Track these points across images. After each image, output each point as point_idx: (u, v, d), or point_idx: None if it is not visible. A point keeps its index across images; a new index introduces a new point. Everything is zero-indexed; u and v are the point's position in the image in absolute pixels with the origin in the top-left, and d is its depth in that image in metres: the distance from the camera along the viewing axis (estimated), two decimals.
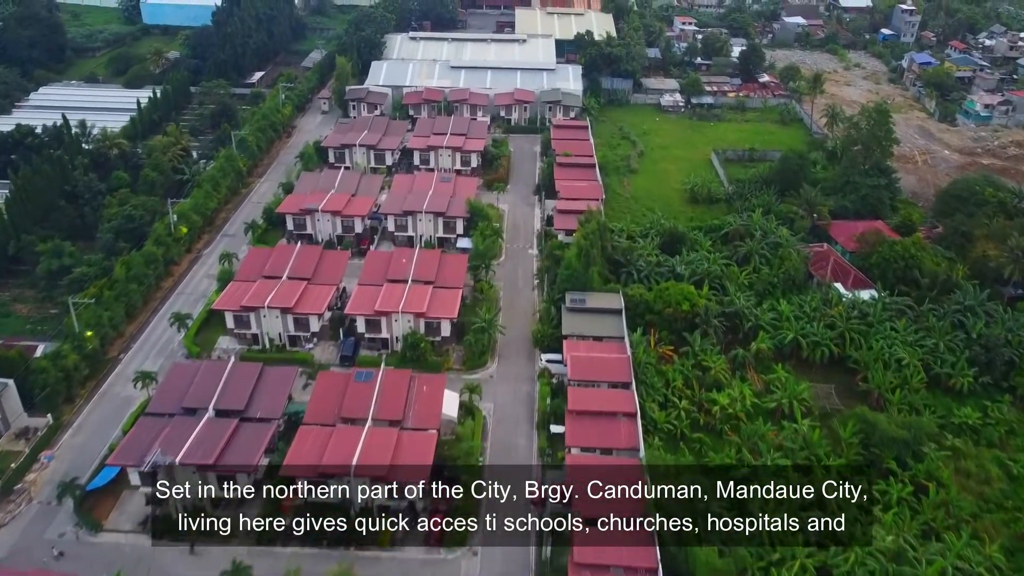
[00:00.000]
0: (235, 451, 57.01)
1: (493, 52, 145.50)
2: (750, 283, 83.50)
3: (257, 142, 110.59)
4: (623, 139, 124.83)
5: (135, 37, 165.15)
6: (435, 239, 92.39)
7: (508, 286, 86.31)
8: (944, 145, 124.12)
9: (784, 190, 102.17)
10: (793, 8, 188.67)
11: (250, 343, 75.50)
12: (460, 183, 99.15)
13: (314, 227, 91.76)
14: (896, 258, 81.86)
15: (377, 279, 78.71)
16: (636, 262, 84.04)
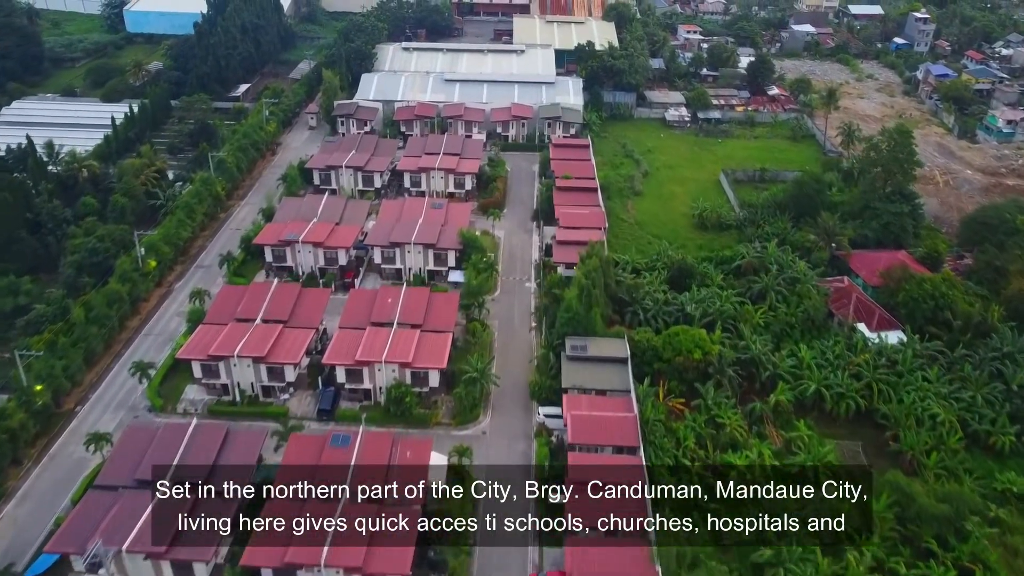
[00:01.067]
0: (193, 534, 50.29)
1: (490, 63, 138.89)
2: (766, 323, 76.84)
3: (237, 163, 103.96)
4: (626, 157, 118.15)
5: (117, 46, 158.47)
6: (425, 272, 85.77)
7: (503, 326, 79.65)
8: (966, 164, 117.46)
9: (799, 215, 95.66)
10: (802, 16, 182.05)
11: (220, 393, 68.89)
12: (453, 209, 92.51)
13: (295, 259, 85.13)
14: (925, 297, 75.21)
15: (360, 321, 72.12)
16: (642, 300, 77.42)
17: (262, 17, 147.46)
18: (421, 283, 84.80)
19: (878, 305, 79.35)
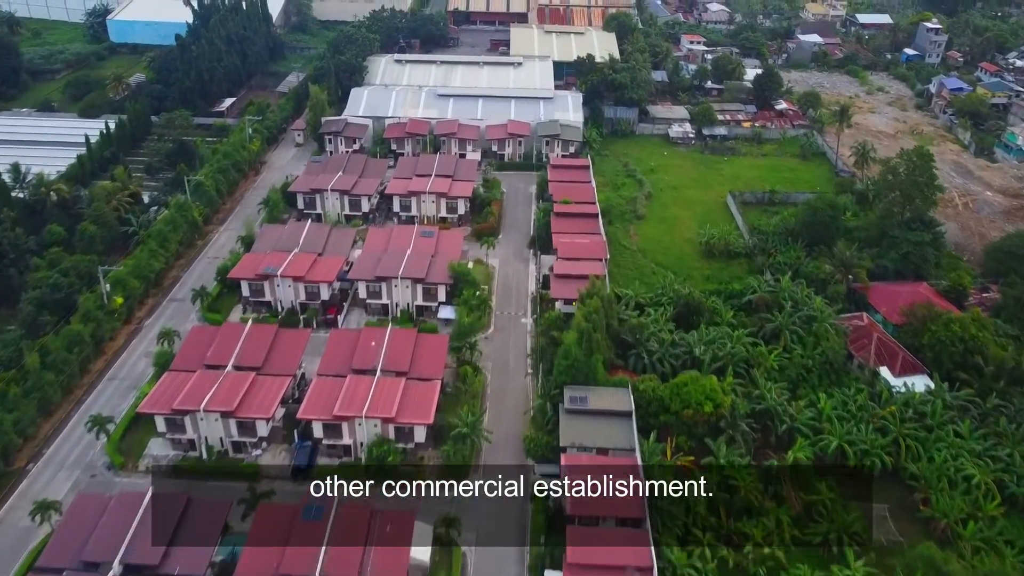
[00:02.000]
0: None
1: (485, 77, 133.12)
2: (781, 367, 71.06)
3: (217, 186, 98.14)
4: (628, 177, 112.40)
5: (100, 57, 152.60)
6: (413, 307, 79.97)
7: (497, 368, 73.82)
8: (985, 185, 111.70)
9: (813, 243, 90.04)
10: (808, 25, 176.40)
11: (186, 448, 63.08)
12: (444, 238, 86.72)
13: (273, 294, 79.29)
14: (954, 340, 69.40)
15: (340, 367, 66.35)
16: (647, 342, 71.59)
17: (249, 27, 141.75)
18: (409, 319, 79.14)
19: (901, 346, 73.52)
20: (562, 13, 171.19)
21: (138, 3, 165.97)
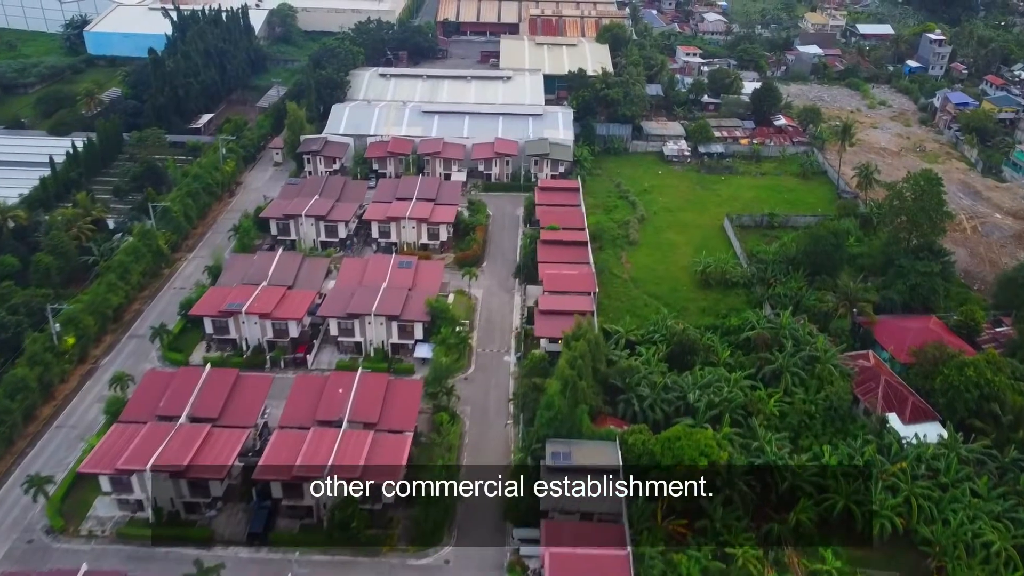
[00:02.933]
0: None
1: (473, 91, 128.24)
2: (781, 413, 65.90)
3: (185, 211, 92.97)
4: (621, 199, 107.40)
5: (76, 71, 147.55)
6: (388, 345, 74.84)
7: (476, 414, 68.65)
8: (994, 207, 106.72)
9: (815, 272, 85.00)
10: (808, 36, 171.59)
11: (134, 510, 57.79)
12: (422, 270, 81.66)
13: (239, 332, 74.09)
14: (968, 385, 64.26)
15: (303, 418, 61.18)
16: (637, 387, 66.45)
17: (229, 40, 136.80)
18: (384, 358, 73.97)
19: (911, 389, 68.44)
20: (554, 24, 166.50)
21: (117, 15, 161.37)
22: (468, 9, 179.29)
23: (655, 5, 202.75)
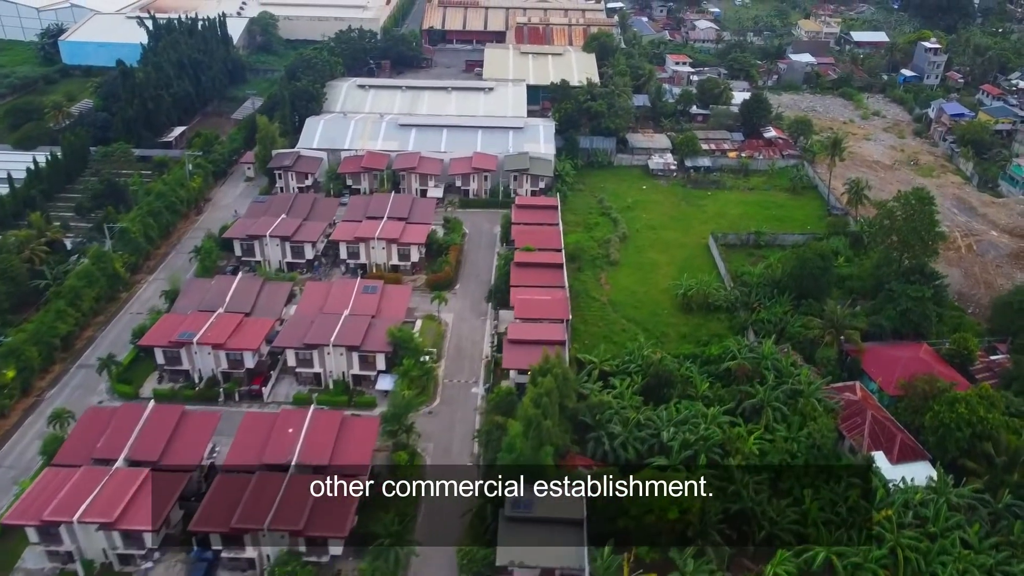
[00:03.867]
0: None
1: (454, 103, 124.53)
2: (761, 451, 61.96)
3: (146, 231, 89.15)
4: (602, 215, 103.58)
5: (50, 81, 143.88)
6: (349, 376, 71.01)
7: (439, 451, 64.79)
8: (990, 223, 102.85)
9: (801, 296, 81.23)
10: (801, 44, 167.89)
11: (64, 561, 53.94)
12: (388, 295, 77.82)
13: (192, 362, 70.24)
14: (960, 423, 60.35)
15: (250, 460, 57.32)
16: (608, 424, 62.59)
17: (204, 50, 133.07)
18: (344, 390, 70.16)
19: (899, 425, 64.63)
20: (541, 32, 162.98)
21: (93, 23, 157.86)
22: (454, 17, 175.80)
23: (646, 12, 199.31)
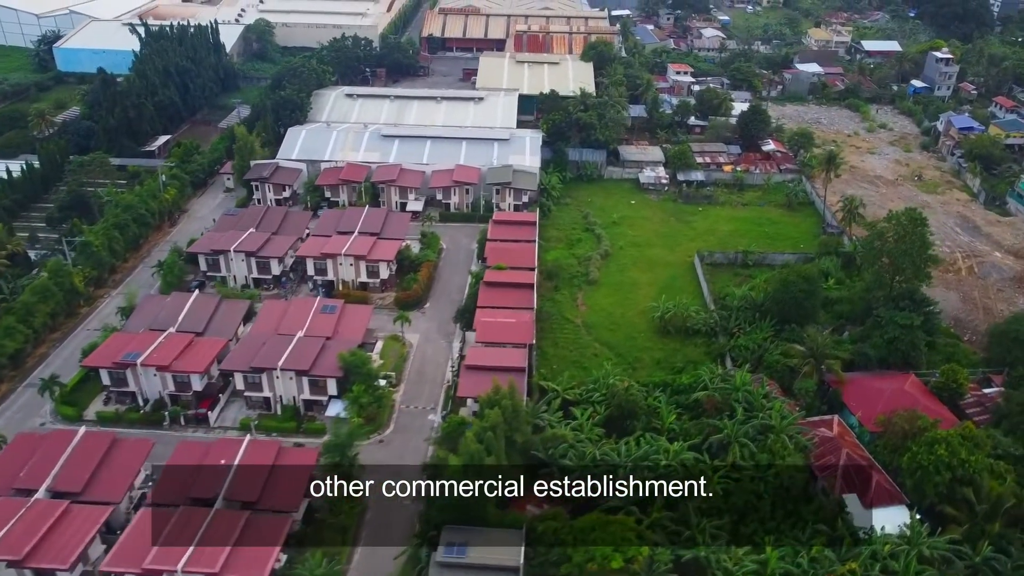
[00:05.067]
0: None
1: (443, 113, 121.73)
2: (725, 491, 57.92)
3: (110, 244, 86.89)
4: (586, 231, 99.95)
5: (42, 88, 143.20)
6: (300, 402, 68.00)
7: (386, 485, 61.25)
8: (994, 244, 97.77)
9: (784, 321, 77.04)
10: (807, 54, 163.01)
11: None
12: (348, 315, 74.74)
13: (137, 384, 67.64)
14: (939, 467, 55.92)
15: (178, 493, 54.34)
16: (562, 459, 58.94)
17: (193, 58, 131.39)
18: (294, 415, 67.14)
19: (877, 465, 60.28)
20: (541, 40, 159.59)
21: (90, 30, 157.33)
22: (454, 25, 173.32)
23: (653, 20, 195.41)
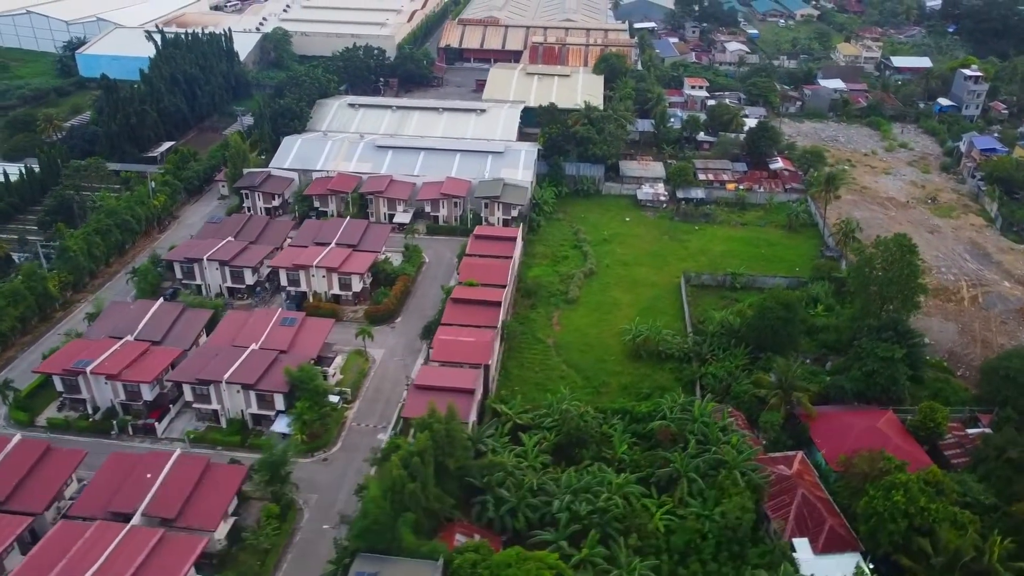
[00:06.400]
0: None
1: (443, 124, 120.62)
2: (669, 530, 55.06)
3: (90, 249, 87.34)
4: (574, 248, 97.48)
5: (62, 93, 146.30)
6: (248, 415, 66.91)
7: (322, 505, 59.71)
8: (1004, 273, 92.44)
9: (761, 349, 73.59)
10: (831, 70, 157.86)
11: None
12: (307, 328, 73.61)
13: (89, 392, 67.34)
14: (895, 514, 52.07)
15: (99, 506, 53.61)
16: (501, 487, 56.61)
17: (204, 66, 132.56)
18: (240, 429, 66.05)
19: (835, 508, 56.67)
20: (556, 52, 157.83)
21: (113, 37, 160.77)
22: (472, 36, 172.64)
23: (678, 34, 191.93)
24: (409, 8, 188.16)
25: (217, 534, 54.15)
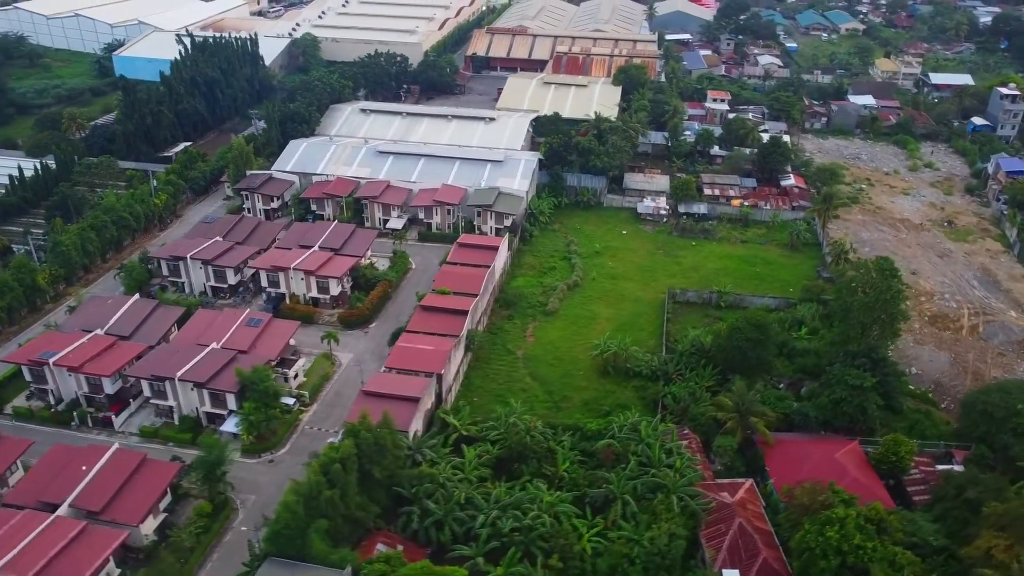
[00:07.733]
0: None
1: (451, 131, 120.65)
2: (595, 552, 53.51)
3: (83, 245, 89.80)
4: (564, 259, 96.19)
5: (96, 93, 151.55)
6: (202, 414, 67.64)
7: (258, 507, 59.61)
8: (1012, 303, 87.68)
9: (730, 370, 71.19)
10: (862, 85, 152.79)
11: None
12: (272, 329, 74.25)
13: (54, 383, 69.06)
14: (827, 551, 49.46)
15: (32, 497, 54.82)
16: (427, 499, 55.88)
17: (226, 69, 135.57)
18: (193, 427, 66.81)
19: (774, 541, 54.22)
20: (580, 62, 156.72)
21: (150, 39, 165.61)
22: (500, 44, 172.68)
23: (713, 46, 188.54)
24: (442, 16, 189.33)
25: (144, 529, 54.83)
